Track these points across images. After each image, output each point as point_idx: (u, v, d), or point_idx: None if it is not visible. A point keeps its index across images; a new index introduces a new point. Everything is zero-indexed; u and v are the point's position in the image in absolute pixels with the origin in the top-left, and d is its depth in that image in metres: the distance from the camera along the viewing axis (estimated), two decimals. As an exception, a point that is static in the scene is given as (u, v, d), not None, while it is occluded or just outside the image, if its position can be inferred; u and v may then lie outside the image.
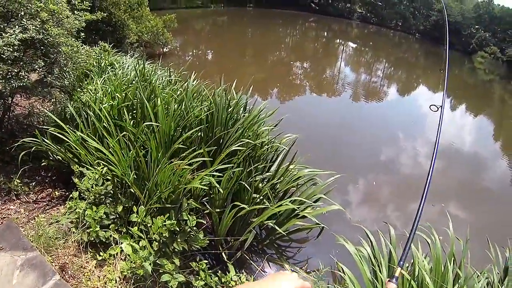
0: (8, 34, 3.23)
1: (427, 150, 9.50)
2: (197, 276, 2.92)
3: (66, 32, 4.06)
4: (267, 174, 4.19)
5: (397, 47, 30.81)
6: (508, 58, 30.51)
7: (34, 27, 3.42)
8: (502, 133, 13.27)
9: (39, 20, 3.54)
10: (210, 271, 3.00)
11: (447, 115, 14.17)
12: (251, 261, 3.72)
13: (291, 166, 4.27)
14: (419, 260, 3.32)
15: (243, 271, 3.37)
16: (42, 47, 3.71)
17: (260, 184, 3.97)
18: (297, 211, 3.95)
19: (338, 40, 29.27)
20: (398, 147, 9.56)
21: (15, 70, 3.38)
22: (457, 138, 11.11)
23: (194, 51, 17.39)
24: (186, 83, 5.13)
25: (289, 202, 3.77)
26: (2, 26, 3.30)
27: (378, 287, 3.07)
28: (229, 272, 2.96)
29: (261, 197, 3.78)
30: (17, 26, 3.35)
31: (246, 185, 3.61)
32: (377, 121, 11.37)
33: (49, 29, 3.63)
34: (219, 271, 3.06)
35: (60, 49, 3.92)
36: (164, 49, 13.28)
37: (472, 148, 10.67)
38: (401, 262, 0.99)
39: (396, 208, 6.41)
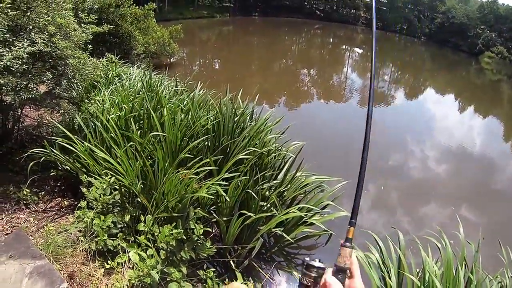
0: (17, 47, 3.30)
1: (435, 154, 9.41)
2: (204, 284, 2.91)
3: (73, 45, 4.14)
4: (274, 181, 4.17)
5: (402, 51, 30.72)
6: (515, 57, 30.16)
7: (42, 41, 3.49)
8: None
9: (47, 33, 3.61)
10: (218, 279, 2.99)
11: (456, 117, 14.05)
12: (259, 269, 3.70)
13: (298, 173, 4.25)
14: (429, 265, 3.26)
15: (251, 279, 3.34)
16: (50, 60, 3.78)
17: (267, 192, 3.97)
18: (305, 218, 3.93)
19: (344, 46, 29.31)
20: (407, 152, 9.48)
21: (24, 83, 3.45)
22: (466, 140, 10.96)
23: (201, 60, 17.55)
24: (193, 93, 5.17)
25: (297, 209, 3.75)
26: (11, 40, 3.37)
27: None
28: (236, 280, 2.95)
29: (269, 205, 3.77)
30: (25, 40, 3.42)
31: (253, 193, 3.61)
32: (385, 126, 11.30)
33: (57, 42, 3.70)
34: (227, 279, 3.05)
35: (67, 62, 3.99)
36: (171, 60, 13.41)
37: (482, 149, 10.51)
38: (353, 221, 0.88)
39: (406, 213, 6.34)
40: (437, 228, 3.91)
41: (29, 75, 3.54)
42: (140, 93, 4.89)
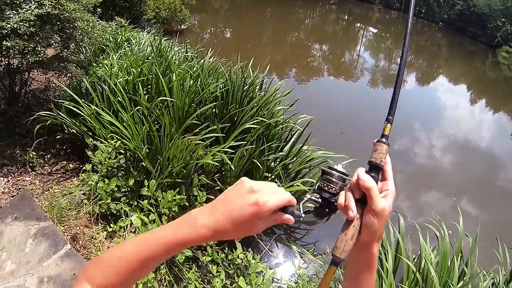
0: (24, 10, 3.24)
1: (441, 143, 9.30)
2: (204, 252, 2.95)
3: (82, 8, 4.06)
4: (280, 153, 4.14)
5: (419, 35, 29.82)
6: (534, 56, 29.02)
7: (50, 3, 3.40)
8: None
9: (54, -5, 3.52)
10: (218, 247, 3.03)
11: (466, 109, 13.80)
12: (259, 240, 3.72)
13: (304, 147, 4.21)
14: (426, 253, 3.27)
15: (250, 249, 3.38)
16: (58, 23, 3.70)
17: (273, 163, 3.95)
18: (308, 193, 3.94)
19: (358, 24, 28.52)
20: (413, 137, 9.37)
21: (32, 45, 3.37)
22: (474, 133, 10.77)
23: (212, 29, 17.17)
24: (203, 60, 5.09)
25: (301, 183, 3.75)
26: (18, 2, 3.29)
27: (383, 276, 3.05)
28: (236, 250, 2.98)
29: (273, 176, 3.76)
30: (33, 2, 3.34)
31: (258, 163, 3.59)
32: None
33: (65, 4, 3.61)
34: (227, 248, 3.09)
35: (76, 24, 3.92)
36: (182, 26, 13.10)
37: (489, 144, 10.32)
38: (390, 117, 0.77)
39: (407, 198, 6.33)
40: (437, 217, 3.90)
41: (37, 38, 3.45)
42: (150, 58, 4.82)
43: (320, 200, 0.72)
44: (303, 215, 0.70)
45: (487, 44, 31.44)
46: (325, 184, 0.72)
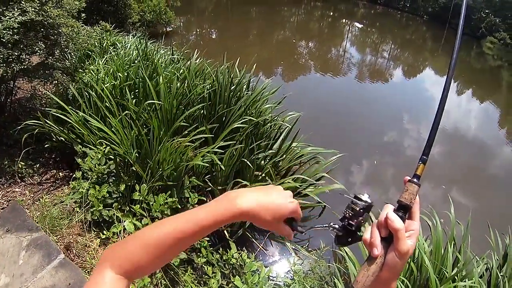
0: (8, 17, 3.19)
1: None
2: (198, 254, 2.96)
3: (66, 13, 4.02)
4: (270, 151, 4.15)
5: (404, 29, 30.08)
6: (517, 44, 29.44)
7: (33, 9, 3.36)
8: (508, 119, 12.94)
9: (38, 1, 3.47)
10: (212, 248, 3.03)
11: (453, 100, 13.94)
12: (253, 239, 3.73)
13: (293, 144, 4.24)
14: (420, 243, 3.31)
15: (244, 248, 3.39)
16: (42, 29, 3.65)
17: (263, 162, 3.96)
18: (299, 189, 3.95)
19: (344, 20, 28.65)
20: (402, 129, 9.46)
21: (16, 53, 3.33)
22: (462, 122, 10.92)
23: (198, 30, 17.12)
24: (189, 61, 5.09)
25: (292, 180, 3.77)
26: (1, 10, 3.25)
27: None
28: (230, 250, 2.99)
29: (263, 175, 3.77)
30: (16, 9, 3.29)
31: (248, 162, 3.60)
32: (381, 102, 11.22)
33: (49, 10, 3.58)
34: (221, 249, 3.09)
35: (60, 31, 3.87)
36: (167, 29, 13.03)
37: (477, 133, 10.49)
38: (424, 157, 0.73)
39: (400, 189, 6.34)
40: (428, 206, 3.95)
41: (21, 46, 3.41)
42: (136, 61, 4.81)
43: (342, 229, 0.75)
44: (304, 230, 0.80)
45: (471, 35, 31.82)
46: (348, 213, 0.74)
